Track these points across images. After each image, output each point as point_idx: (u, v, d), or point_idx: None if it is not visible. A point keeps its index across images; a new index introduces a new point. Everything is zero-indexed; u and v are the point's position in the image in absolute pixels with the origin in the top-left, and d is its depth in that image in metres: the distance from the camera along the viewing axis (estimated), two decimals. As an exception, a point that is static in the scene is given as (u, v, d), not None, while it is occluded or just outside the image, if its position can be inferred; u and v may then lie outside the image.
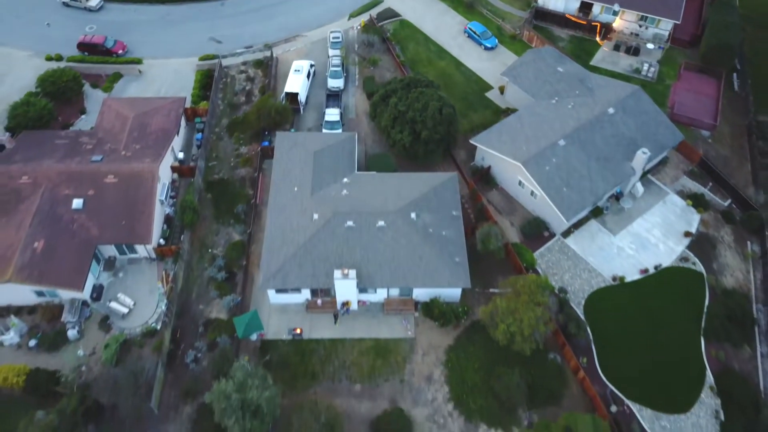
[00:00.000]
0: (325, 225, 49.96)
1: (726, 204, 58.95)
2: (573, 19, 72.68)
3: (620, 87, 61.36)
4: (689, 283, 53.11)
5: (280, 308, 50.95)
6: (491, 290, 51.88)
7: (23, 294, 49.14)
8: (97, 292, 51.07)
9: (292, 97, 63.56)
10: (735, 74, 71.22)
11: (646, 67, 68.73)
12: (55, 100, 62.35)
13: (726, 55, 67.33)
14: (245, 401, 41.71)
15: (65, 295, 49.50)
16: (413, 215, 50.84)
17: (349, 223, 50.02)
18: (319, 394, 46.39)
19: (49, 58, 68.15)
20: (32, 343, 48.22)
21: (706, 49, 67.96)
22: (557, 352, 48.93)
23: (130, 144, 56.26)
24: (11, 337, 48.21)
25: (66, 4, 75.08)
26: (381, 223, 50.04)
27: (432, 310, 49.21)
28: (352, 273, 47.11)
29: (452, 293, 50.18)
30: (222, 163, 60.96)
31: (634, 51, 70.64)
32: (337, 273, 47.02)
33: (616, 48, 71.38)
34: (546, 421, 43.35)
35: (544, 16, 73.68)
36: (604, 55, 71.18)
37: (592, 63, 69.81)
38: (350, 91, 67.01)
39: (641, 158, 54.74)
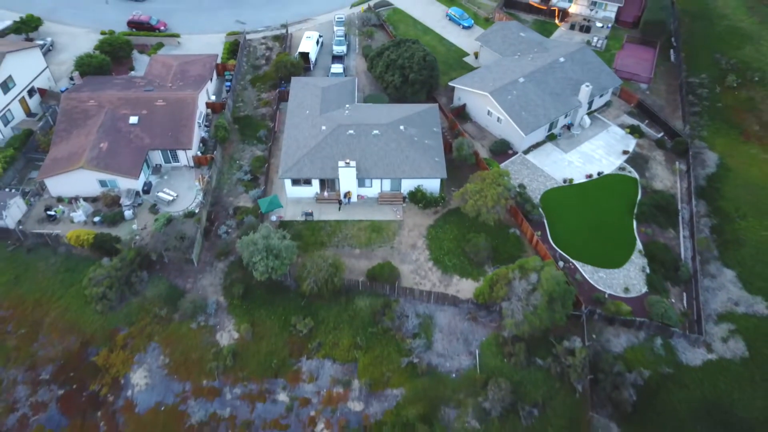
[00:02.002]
0: (331, 133, 62.93)
1: (659, 136, 72.02)
2: (536, 5, 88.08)
3: (570, 45, 75.89)
4: (625, 184, 65.69)
5: (295, 201, 63.17)
6: (465, 189, 64.11)
7: (89, 185, 61.54)
8: (148, 186, 63.52)
9: (304, 56, 77.77)
10: (672, 50, 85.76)
11: (595, 39, 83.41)
12: (110, 58, 76.27)
13: (659, 29, 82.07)
14: (269, 246, 53.42)
15: (123, 184, 61.89)
16: (402, 127, 63.84)
17: (350, 131, 63.00)
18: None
19: (103, 33, 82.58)
20: (96, 219, 60.20)
21: (644, 24, 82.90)
22: (516, 227, 60.91)
23: (175, 82, 69.91)
24: (79, 215, 60.23)
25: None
26: (376, 131, 63.00)
27: (416, 194, 61.54)
28: (353, 163, 59.73)
29: (433, 186, 62.50)
30: (246, 105, 74.54)
31: (586, 29, 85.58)
32: (341, 163, 59.66)
33: (572, 27, 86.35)
34: (505, 266, 54.70)
35: (512, 4, 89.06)
36: (561, 33, 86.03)
37: (550, 39, 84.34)
38: (351, 56, 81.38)
39: (585, 91, 68.34)
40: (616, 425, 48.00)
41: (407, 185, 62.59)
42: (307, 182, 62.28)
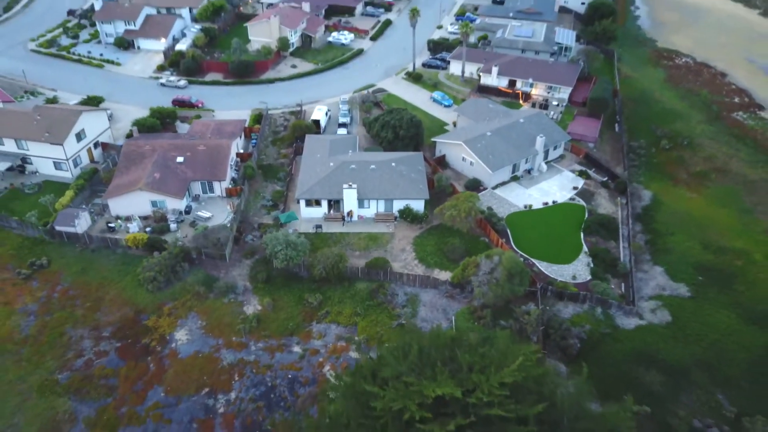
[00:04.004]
0: (337, 167, 79.48)
1: (603, 179, 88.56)
2: (504, 90, 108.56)
3: (529, 111, 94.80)
4: (575, 209, 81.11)
5: (307, 219, 78.21)
6: (445, 212, 79.39)
7: (143, 205, 76.97)
8: (188, 208, 78.89)
9: (316, 122, 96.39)
10: (616, 123, 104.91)
11: (552, 114, 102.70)
12: (159, 122, 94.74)
13: (602, 104, 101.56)
14: (288, 240, 68.07)
15: (169, 205, 77.28)
16: (393, 164, 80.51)
17: (353, 166, 79.59)
18: (332, 254, 72.08)
19: (152, 109, 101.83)
20: (147, 230, 74.95)
21: (590, 100, 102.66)
22: (485, 236, 75.51)
23: (213, 136, 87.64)
24: (134, 227, 75.04)
25: (163, 85, 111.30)
26: (373, 166, 79.60)
27: (405, 212, 76.81)
28: (354, 185, 75.69)
29: (418, 206, 77.83)
30: (268, 158, 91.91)
31: (544, 107, 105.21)
32: (345, 185, 75.62)
33: (533, 106, 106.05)
34: (475, 256, 68.62)
35: (485, 89, 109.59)
36: (524, 110, 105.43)
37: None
38: (353, 125, 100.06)
39: (540, 141, 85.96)
40: (564, 365, 59.70)
41: (398, 206, 77.93)
42: (318, 203, 77.74)
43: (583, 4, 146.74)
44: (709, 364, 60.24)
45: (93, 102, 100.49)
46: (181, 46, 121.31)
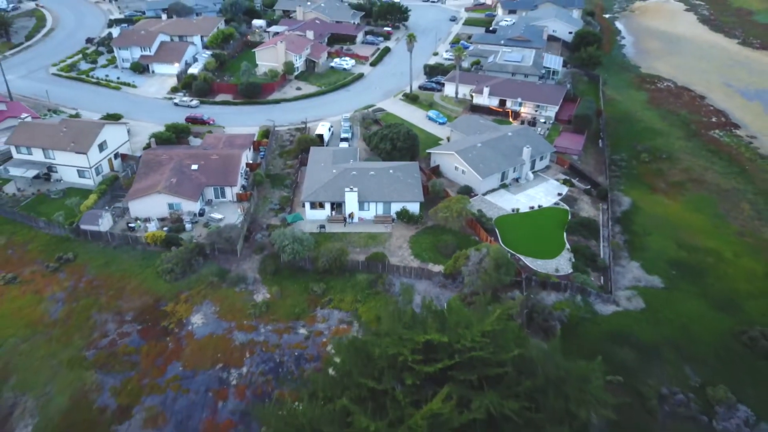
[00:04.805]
0: (340, 173, 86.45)
1: (586, 187, 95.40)
2: (495, 108, 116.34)
3: (516, 126, 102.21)
4: (559, 213, 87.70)
5: (311, 221, 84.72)
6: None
7: (160, 207, 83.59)
8: (202, 211, 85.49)
9: (319, 137, 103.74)
10: (600, 139, 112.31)
11: (540, 130, 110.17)
12: (174, 136, 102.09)
13: (586, 120, 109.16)
14: (294, 236, 74.57)
15: (185, 207, 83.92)
16: (391, 171, 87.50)
17: (354, 172, 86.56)
18: (334, 250, 78.36)
19: (167, 125, 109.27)
20: (165, 229, 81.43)
21: (575, 117, 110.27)
22: (476, 235, 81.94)
23: (225, 147, 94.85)
24: (152, 226, 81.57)
25: (176, 104, 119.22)
26: (372, 172, 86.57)
27: (402, 213, 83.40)
28: (355, 189, 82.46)
29: (414, 208, 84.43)
30: (275, 168, 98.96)
31: (533, 124, 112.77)
32: (347, 189, 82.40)
33: (522, 123, 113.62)
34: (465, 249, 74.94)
35: (477, 108, 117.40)
36: (513, 126, 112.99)
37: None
38: (354, 140, 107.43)
39: (526, 151, 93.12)
40: (546, 345, 65.39)
41: (395, 208, 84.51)
42: (321, 206, 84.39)
43: (570, 33, 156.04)
44: (678, 343, 66.06)
45: (112, 118, 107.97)
46: (193, 69, 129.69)
